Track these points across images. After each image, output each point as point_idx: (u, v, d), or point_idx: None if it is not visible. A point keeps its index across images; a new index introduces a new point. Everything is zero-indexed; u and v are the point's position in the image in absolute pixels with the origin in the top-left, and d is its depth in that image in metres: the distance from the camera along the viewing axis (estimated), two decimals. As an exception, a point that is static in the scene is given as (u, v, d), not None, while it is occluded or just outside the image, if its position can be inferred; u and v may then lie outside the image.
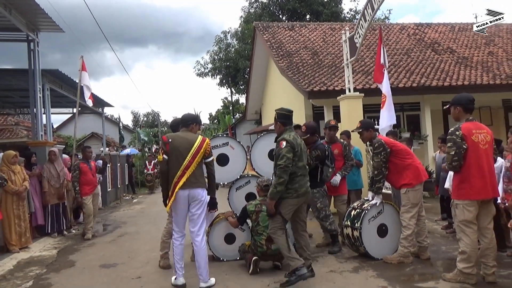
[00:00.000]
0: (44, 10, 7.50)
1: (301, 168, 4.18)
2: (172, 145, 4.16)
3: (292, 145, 4.10)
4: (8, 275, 5.16)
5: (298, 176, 4.14)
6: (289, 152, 4.06)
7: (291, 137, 4.16)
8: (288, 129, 4.29)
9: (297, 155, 4.14)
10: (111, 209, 11.77)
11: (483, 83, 11.17)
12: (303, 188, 4.16)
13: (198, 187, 4.17)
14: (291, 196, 4.10)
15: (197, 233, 4.19)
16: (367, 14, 7.64)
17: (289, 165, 4.02)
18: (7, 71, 9.58)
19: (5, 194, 6.27)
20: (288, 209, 4.13)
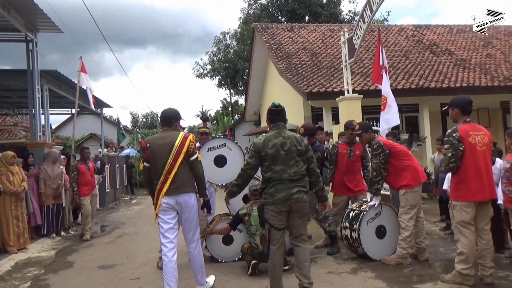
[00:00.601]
0: (43, 11, 7.49)
1: (278, 172, 3.61)
2: (151, 149, 3.79)
3: (256, 148, 3.69)
4: (6, 276, 5.14)
5: (275, 181, 3.61)
6: (251, 157, 3.73)
7: (262, 138, 3.75)
8: (274, 126, 3.83)
9: (270, 159, 3.62)
10: (109, 210, 11.75)
11: (481, 85, 11.21)
12: (281, 193, 3.57)
13: (185, 193, 3.77)
14: (267, 202, 3.64)
15: (191, 239, 3.92)
16: (365, 15, 7.66)
17: (247, 170, 3.76)
18: (6, 72, 9.57)
19: (3, 195, 6.24)
20: (270, 215, 3.65)
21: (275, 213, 3.62)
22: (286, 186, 3.59)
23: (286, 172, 3.61)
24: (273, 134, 3.73)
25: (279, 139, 3.68)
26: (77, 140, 23.44)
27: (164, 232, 3.77)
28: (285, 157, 3.64)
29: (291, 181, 3.61)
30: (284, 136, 3.72)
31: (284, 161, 3.63)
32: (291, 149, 3.66)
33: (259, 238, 4.53)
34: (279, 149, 3.64)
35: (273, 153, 3.63)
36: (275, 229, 3.64)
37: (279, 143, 3.66)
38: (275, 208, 3.61)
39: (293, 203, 3.60)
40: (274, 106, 3.92)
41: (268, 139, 3.69)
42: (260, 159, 3.68)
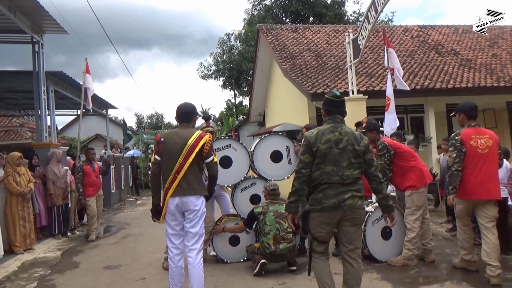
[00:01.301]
0: (49, 12, 7.54)
1: (328, 173, 3.06)
2: (164, 144, 3.63)
3: (308, 143, 3.14)
4: (12, 276, 5.18)
5: (323, 184, 3.06)
6: (303, 153, 3.14)
7: (314, 131, 3.19)
8: (329, 119, 3.24)
9: (321, 156, 3.08)
10: (114, 210, 11.80)
11: (487, 85, 11.13)
12: (331, 200, 3.03)
13: (191, 195, 3.57)
14: (314, 209, 3.11)
15: (191, 247, 3.60)
16: (370, 16, 7.64)
17: (302, 170, 3.11)
18: (12, 73, 9.64)
19: (10, 196, 6.29)
20: (315, 225, 3.13)
21: (322, 224, 3.12)
22: (337, 191, 3.05)
23: (337, 174, 3.06)
24: (328, 128, 3.18)
25: (334, 134, 3.14)
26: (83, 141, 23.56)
27: (169, 236, 3.68)
28: (339, 156, 3.08)
29: (343, 185, 3.07)
30: (341, 131, 3.16)
31: (337, 161, 3.08)
32: (347, 148, 3.11)
33: (272, 238, 4.54)
34: (332, 146, 3.10)
35: (325, 150, 3.09)
36: (317, 242, 3.18)
37: (334, 140, 3.11)
38: (323, 217, 3.10)
39: (346, 210, 3.07)
40: (334, 96, 3.30)
41: (321, 133, 3.15)
42: (312, 155, 3.12)
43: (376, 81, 11.18)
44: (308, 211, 3.15)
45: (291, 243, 4.63)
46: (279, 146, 5.44)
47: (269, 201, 4.84)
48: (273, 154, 5.41)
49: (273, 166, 5.37)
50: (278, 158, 5.40)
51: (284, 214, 4.69)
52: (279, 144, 5.45)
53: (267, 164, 5.38)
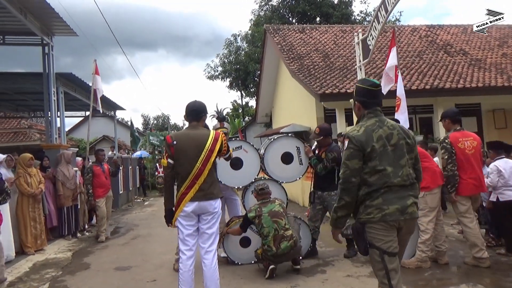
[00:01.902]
0: (59, 14, 7.59)
1: (389, 175, 2.55)
2: (178, 147, 3.46)
3: (358, 144, 2.57)
4: (24, 277, 5.19)
5: (383, 188, 2.54)
6: (351, 158, 2.59)
7: (360, 129, 2.64)
8: (370, 113, 2.73)
9: (374, 157, 2.56)
10: (123, 211, 11.84)
11: (498, 85, 11.02)
12: (394, 205, 2.52)
13: (211, 199, 3.50)
14: (373, 219, 2.54)
15: (207, 249, 3.53)
16: (380, 15, 7.58)
17: (351, 179, 2.57)
18: (22, 75, 9.69)
19: (21, 197, 6.32)
20: (378, 236, 2.53)
21: (386, 232, 2.54)
22: (399, 195, 2.56)
23: (397, 174, 2.57)
24: (374, 123, 2.67)
25: (383, 129, 2.64)
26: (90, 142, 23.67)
27: (183, 238, 3.54)
28: (393, 154, 2.60)
29: (403, 188, 2.58)
30: (389, 125, 2.68)
31: (393, 159, 2.59)
32: (400, 144, 2.64)
33: (272, 239, 4.49)
34: (386, 144, 2.61)
35: (379, 149, 2.58)
36: (389, 256, 2.53)
37: (385, 135, 2.62)
38: (388, 227, 2.54)
39: (407, 219, 2.56)
40: (373, 84, 2.77)
41: (370, 129, 2.63)
42: (364, 159, 2.58)
43: (385, 82, 11.10)
44: (363, 223, 2.58)
45: (291, 240, 4.54)
46: (290, 148, 5.40)
47: (260, 202, 4.75)
48: (283, 155, 5.38)
49: (284, 168, 5.34)
50: (289, 160, 5.36)
51: (279, 211, 4.64)
52: (290, 146, 5.41)
53: (278, 166, 5.35)
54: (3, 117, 17.12)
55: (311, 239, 5.25)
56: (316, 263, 5.04)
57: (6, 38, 8.47)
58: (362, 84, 2.81)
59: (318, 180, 5.36)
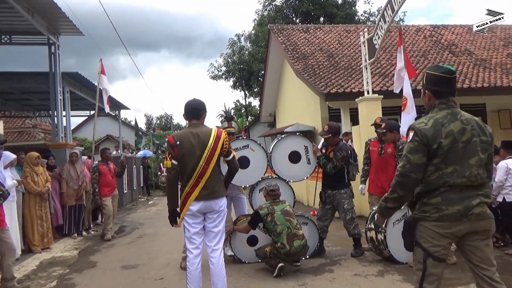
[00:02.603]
0: (65, 14, 7.60)
1: (451, 175, 2.36)
2: (181, 147, 3.44)
3: (424, 138, 2.38)
4: (32, 275, 5.22)
5: (444, 187, 2.37)
6: (414, 152, 2.40)
7: (429, 122, 2.43)
8: (442, 104, 2.48)
9: (442, 155, 2.37)
10: (127, 210, 11.86)
11: (503, 85, 10.99)
12: (455, 206, 2.34)
13: (216, 198, 3.50)
14: (428, 218, 2.39)
15: (213, 247, 3.54)
16: (386, 15, 7.56)
17: (410, 174, 2.39)
18: (28, 74, 9.71)
19: (28, 195, 6.35)
20: (428, 237, 2.40)
21: (438, 236, 2.38)
22: (462, 195, 2.36)
23: (462, 175, 2.36)
24: (445, 116, 2.43)
25: (455, 123, 2.41)
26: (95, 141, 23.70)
27: (190, 237, 3.54)
28: (463, 152, 2.38)
29: (469, 188, 2.37)
30: (462, 119, 2.43)
31: (461, 158, 2.38)
32: (473, 141, 2.40)
33: (285, 237, 4.49)
34: (456, 140, 2.38)
35: (447, 146, 2.37)
36: (434, 260, 2.40)
37: (456, 131, 2.39)
38: (440, 228, 2.37)
39: (473, 221, 2.36)
40: (448, 71, 2.51)
41: (439, 123, 2.40)
42: (428, 154, 2.40)
43: (390, 81, 11.09)
44: (417, 219, 2.44)
45: (303, 239, 4.59)
46: (297, 147, 5.39)
47: (271, 202, 4.78)
48: (291, 154, 5.37)
49: (291, 167, 5.34)
50: (296, 159, 5.36)
51: (291, 212, 4.71)
52: (297, 144, 5.40)
53: (286, 165, 5.34)
54: (8, 116, 17.17)
55: (319, 238, 5.24)
56: (324, 262, 5.04)
57: (12, 38, 8.50)
58: (435, 70, 2.54)
59: (327, 179, 5.36)
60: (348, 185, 5.28)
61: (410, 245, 2.50)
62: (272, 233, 4.64)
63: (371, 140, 5.76)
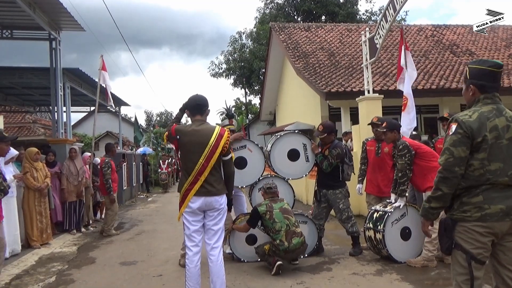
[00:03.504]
0: (67, 9, 7.60)
1: (495, 173, 2.29)
2: (181, 142, 3.46)
3: (469, 130, 2.30)
4: (31, 270, 5.22)
5: (486, 184, 2.30)
6: (458, 144, 2.31)
7: (474, 114, 2.35)
8: (485, 98, 2.41)
9: (486, 149, 2.30)
10: (126, 207, 11.87)
11: (505, 86, 10.98)
12: (498, 205, 2.27)
13: (215, 195, 3.48)
14: (469, 218, 2.31)
15: (213, 245, 3.52)
16: (388, 14, 7.55)
17: (454, 168, 2.30)
18: (29, 70, 9.72)
19: (27, 191, 6.35)
20: (469, 239, 2.31)
21: (480, 237, 2.29)
22: (505, 194, 2.29)
23: (505, 173, 2.29)
24: (491, 111, 2.36)
25: (500, 119, 2.34)
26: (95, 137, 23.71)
27: (189, 234, 3.52)
28: (506, 149, 2.31)
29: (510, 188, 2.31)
30: (507, 116, 2.37)
31: (505, 155, 2.31)
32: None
33: (284, 234, 4.50)
34: (500, 136, 2.31)
35: (492, 141, 2.30)
36: (476, 262, 2.30)
37: (501, 127, 2.32)
38: (482, 228, 2.28)
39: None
40: (496, 65, 2.43)
41: (485, 117, 2.33)
42: (471, 148, 2.32)
43: (390, 81, 11.10)
44: (456, 220, 2.36)
45: (302, 236, 4.59)
46: (296, 144, 5.38)
47: (269, 199, 4.78)
48: (290, 152, 5.36)
49: (290, 164, 5.33)
50: (295, 157, 5.36)
51: (289, 209, 4.73)
52: (296, 142, 5.39)
53: (285, 163, 5.34)
54: (8, 111, 17.18)
55: (317, 237, 5.25)
56: (322, 260, 5.04)
57: (14, 33, 8.49)
58: (481, 65, 2.45)
59: (322, 178, 5.35)
60: (343, 184, 5.28)
61: (448, 248, 2.39)
62: (270, 230, 4.63)
63: (368, 139, 5.77)
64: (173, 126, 3.58)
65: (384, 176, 5.35)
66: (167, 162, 18.03)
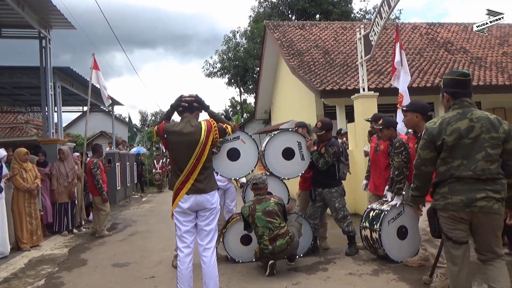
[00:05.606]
0: (56, 7, 7.46)
1: (457, 168, 2.67)
2: (169, 141, 3.42)
3: (429, 136, 2.77)
4: (20, 274, 5.10)
5: (451, 178, 2.69)
6: (423, 148, 2.82)
7: (437, 121, 2.80)
8: (455, 104, 2.79)
9: (447, 150, 2.71)
10: (120, 207, 11.73)
11: (499, 84, 10.97)
12: (458, 196, 2.65)
13: (205, 192, 3.41)
14: (437, 205, 2.79)
15: (205, 246, 3.46)
16: (383, 11, 7.48)
17: (421, 167, 2.84)
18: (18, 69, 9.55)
19: (16, 192, 6.22)
20: (443, 223, 2.79)
21: (451, 221, 2.74)
22: (468, 188, 2.64)
23: (468, 168, 2.64)
24: (454, 116, 2.74)
25: (462, 122, 2.70)
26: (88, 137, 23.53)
27: (180, 235, 3.45)
28: (470, 147, 2.66)
29: (476, 181, 2.64)
30: (472, 118, 2.70)
31: (468, 153, 2.66)
32: (481, 137, 2.66)
33: (267, 239, 4.40)
34: (462, 136, 2.67)
35: (452, 142, 2.68)
36: (453, 243, 2.75)
37: (463, 128, 2.68)
38: (449, 214, 2.73)
39: (475, 212, 2.63)
40: (463, 74, 2.83)
41: (446, 122, 2.73)
42: (436, 150, 2.76)
43: (385, 79, 11.04)
44: (434, 208, 2.82)
45: (287, 236, 4.44)
46: (291, 143, 5.29)
47: (255, 198, 4.64)
48: (284, 151, 5.26)
49: (285, 164, 5.23)
50: (290, 155, 5.26)
51: (273, 211, 4.49)
52: (290, 141, 5.29)
53: (280, 162, 5.23)
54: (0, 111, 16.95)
55: (312, 237, 5.16)
56: (318, 260, 4.96)
57: (2, 31, 8.33)
58: (451, 75, 2.89)
59: (317, 177, 5.26)
60: (339, 183, 5.20)
61: (435, 231, 2.87)
62: (255, 233, 4.56)
63: (373, 136, 5.68)
64: (161, 125, 3.52)
65: (379, 174, 5.25)
66: (161, 162, 17.90)
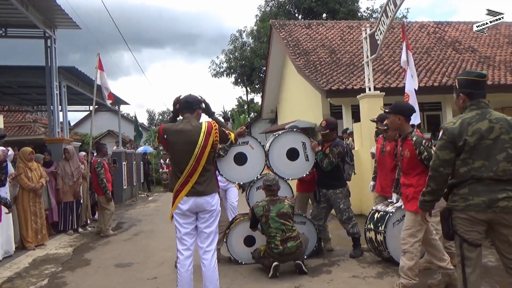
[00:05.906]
0: (61, 7, 7.48)
1: (479, 169, 2.63)
2: (169, 143, 3.40)
3: (450, 136, 2.70)
4: (23, 273, 5.11)
5: (472, 179, 2.66)
6: (442, 148, 2.74)
7: (457, 121, 2.74)
8: (473, 105, 2.76)
9: (468, 151, 2.66)
10: (126, 207, 11.76)
11: (507, 83, 10.81)
12: (479, 197, 2.61)
13: (205, 195, 3.38)
14: (457, 207, 2.70)
15: (205, 249, 3.42)
16: (389, 10, 7.39)
17: (439, 169, 2.74)
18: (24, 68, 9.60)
19: (21, 191, 6.24)
20: (460, 224, 2.70)
21: (468, 223, 2.67)
22: (488, 188, 2.62)
23: (490, 169, 2.62)
24: (474, 116, 2.72)
25: (483, 122, 2.68)
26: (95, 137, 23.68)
27: (180, 237, 3.42)
28: (491, 148, 2.64)
29: (497, 182, 2.61)
30: (491, 118, 2.70)
31: (489, 154, 2.64)
32: (501, 138, 2.65)
33: (279, 239, 4.37)
34: (483, 137, 2.65)
35: (474, 143, 2.65)
36: (468, 245, 2.68)
37: (484, 129, 2.66)
38: (468, 216, 2.66)
39: (498, 213, 2.59)
40: (479, 75, 2.82)
41: (466, 122, 2.69)
42: (455, 151, 2.70)
43: (392, 78, 10.95)
44: (450, 209, 2.74)
45: (298, 240, 4.43)
46: (295, 143, 5.23)
47: (269, 199, 4.60)
48: (289, 151, 5.21)
49: (290, 164, 5.16)
50: (294, 156, 5.20)
51: (288, 213, 4.49)
52: (295, 141, 5.23)
53: (284, 163, 5.16)
54: (8, 110, 17.09)
55: (317, 238, 5.11)
56: (322, 262, 4.91)
57: (8, 31, 8.38)
58: (468, 76, 2.86)
59: (322, 178, 5.21)
60: (344, 184, 5.13)
61: (448, 233, 2.79)
62: (266, 234, 4.51)
63: (380, 136, 5.60)
64: (161, 126, 3.52)
65: (385, 175, 5.15)
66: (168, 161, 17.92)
